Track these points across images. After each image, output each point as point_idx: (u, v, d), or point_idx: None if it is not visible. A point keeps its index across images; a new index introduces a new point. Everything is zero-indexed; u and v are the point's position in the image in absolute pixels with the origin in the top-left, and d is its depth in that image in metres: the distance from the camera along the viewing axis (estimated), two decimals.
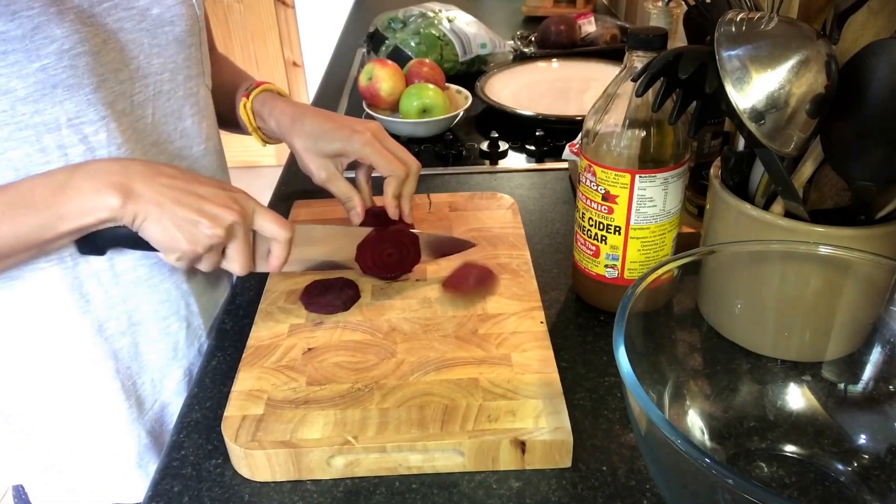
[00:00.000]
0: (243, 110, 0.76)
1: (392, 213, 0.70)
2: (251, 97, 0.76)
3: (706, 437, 0.52)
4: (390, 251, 0.69)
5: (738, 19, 0.49)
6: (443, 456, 0.53)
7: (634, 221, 0.62)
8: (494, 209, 0.83)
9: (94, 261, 0.62)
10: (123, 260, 0.64)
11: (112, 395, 0.67)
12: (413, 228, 0.71)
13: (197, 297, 0.71)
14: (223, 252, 0.59)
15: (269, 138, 0.79)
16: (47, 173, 0.55)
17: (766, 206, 0.57)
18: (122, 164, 0.56)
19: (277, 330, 0.64)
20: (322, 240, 0.67)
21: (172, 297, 0.69)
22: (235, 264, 0.59)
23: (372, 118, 1.14)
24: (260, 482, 0.53)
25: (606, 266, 0.66)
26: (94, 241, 0.58)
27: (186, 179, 0.57)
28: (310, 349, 0.62)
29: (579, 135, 0.70)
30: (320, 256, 0.67)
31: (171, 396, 0.72)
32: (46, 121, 0.55)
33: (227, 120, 0.81)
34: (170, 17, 0.64)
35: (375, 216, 0.72)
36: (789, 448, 0.52)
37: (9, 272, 0.59)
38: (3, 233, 0.53)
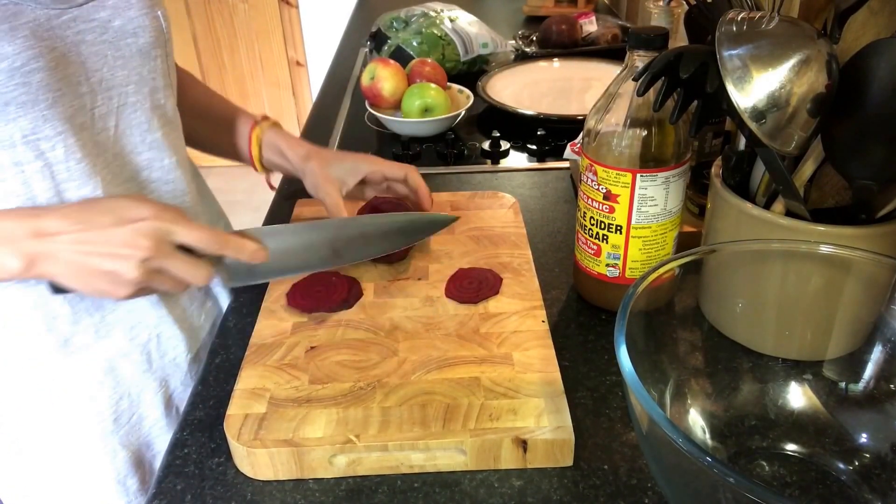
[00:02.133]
0: (255, 141, 0.81)
1: (427, 204, 0.78)
2: (263, 128, 0.81)
3: (707, 435, 0.52)
4: (318, 288, 0.69)
5: (738, 19, 0.50)
6: (444, 455, 0.53)
7: (636, 220, 0.62)
8: (496, 208, 0.83)
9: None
10: None
11: (83, 409, 0.65)
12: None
13: (166, 307, 0.70)
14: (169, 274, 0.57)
15: (266, 167, 0.84)
16: None
17: (767, 206, 0.57)
18: (25, 223, 0.54)
19: (280, 328, 0.65)
20: (292, 236, 0.66)
21: (139, 307, 0.67)
22: (189, 280, 0.58)
23: (374, 117, 1.15)
24: (262, 481, 0.53)
25: (608, 265, 0.66)
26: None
27: (90, 227, 0.54)
28: (312, 347, 0.62)
29: (580, 134, 0.71)
30: (297, 263, 0.66)
31: (149, 410, 0.70)
32: (0, 138, 0.55)
33: (198, 141, 0.83)
34: (132, 29, 0.63)
35: (374, 208, 0.75)
36: (790, 447, 0.52)
37: None
38: None
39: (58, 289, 0.58)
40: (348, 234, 0.68)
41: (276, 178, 0.91)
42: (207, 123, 0.83)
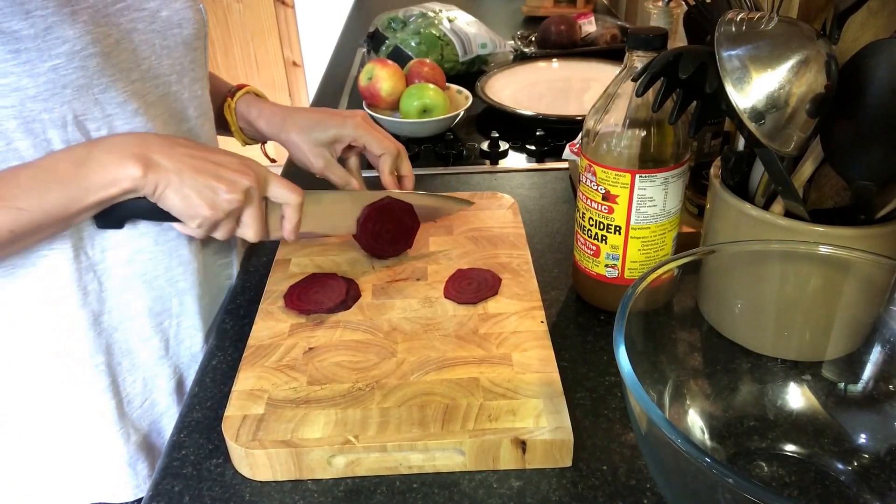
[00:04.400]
0: (228, 111, 0.80)
1: (391, 187, 0.76)
2: (235, 99, 0.80)
3: (706, 436, 0.52)
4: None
5: (738, 19, 0.50)
6: (443, 455, 0.53)
7: (635, 221, 0.62)
8: (495, 209, 0.83)
9: (90, 252, 0.62)
10: (117, 254, 0.64)
11: (101, 390, 0.66)
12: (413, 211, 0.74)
13: (191, 296, 0.71)
14: (238, 221, 0.62)
15: (249, 139, 0.84)
16: (67, 149, 0.57)
17: (767, 206, 0.57)
18: (139, 136, 0.59)
19: (278, 329, 0.64)
20: (330, 204, 0.71)
21: (165, 294, 0.69)
22: (250, 230, 0.63)
23: (372, 118, 1.14)
24: (261, 482, 0.53)
25: (607, 266, 0.66)
26: (113, 215, 0.59)
27: (202, 149, 0.60)
28: (310, 349, 0.62)
29: (579, 135, 0.71)
30: (326, 227, 0.71)
31: (161, 395, 0.72)
32: (53, 118, 0.56)
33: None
34: (178, 20, 0.65)
35: (382, 210, 0.74)
36: (789, 447, 0.52)
37: (13, 259, 0.59)
38: (32, 207, 0.54)
39: (101, 223, 0.61)
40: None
41: (276, 155, 0.90)
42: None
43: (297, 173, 1.02)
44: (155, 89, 0.64)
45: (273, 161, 0.92)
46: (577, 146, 0.92)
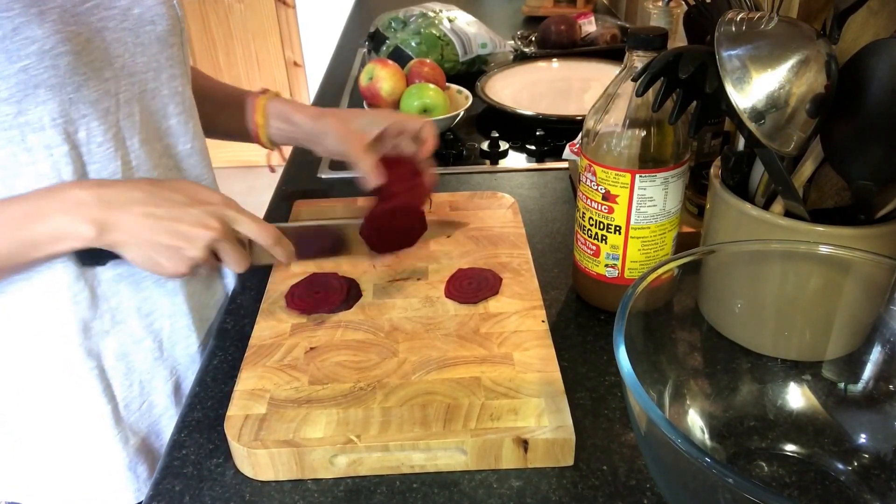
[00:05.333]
0: (258, 111, 0.79)
1: (425, 153, 0.76)
2: (266, 98, 0.80)
3: (706, 436, 0.52)
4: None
5: (738, 19, 0.50)
6: (445, 455, 0.53)
7: (635, 221, 0.62)
8: (495, 209, 0.83)
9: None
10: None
11: (96, 395, 0.66)
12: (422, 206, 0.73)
13: (182, 296, 0.71)
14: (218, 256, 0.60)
15: (274, 143, 0.83)
16: (22, 197, 0.56)
17: (767, 206, 0.57)
18: (95, 191, 0.56)
19: (279, 329, 0.65)
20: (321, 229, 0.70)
21: (154, 295, 0.69)
22: (231, 266, 0.61)
23: None
24: (261, 481, 0.53)
25: (607, 265, 0.66)
26: (94, 253, 0.58)
27: (161, 202, 0.57)
28: (312, 348, 0.62)
29: (580, 134, 0.71)
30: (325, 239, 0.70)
31: (159, 398, 0.71)
32: (30, 120, 0.55)
33: (213, 128, 0.83)
34: (150, 17, 0.64)
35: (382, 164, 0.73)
36: (789, 447, 0.52)
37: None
38: None
39: (85, 261, 0.60)
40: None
41: (278, 164, 0.90)
42: (209, 104, 0.82)
43: (297, 176, 1.02)
44: (130, 87, 0.63)
45: (273, 171, 0.92)
46: (577, 146, 0.92)
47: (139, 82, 0.64)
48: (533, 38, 1.48)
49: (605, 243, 0.65)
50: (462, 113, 1.10)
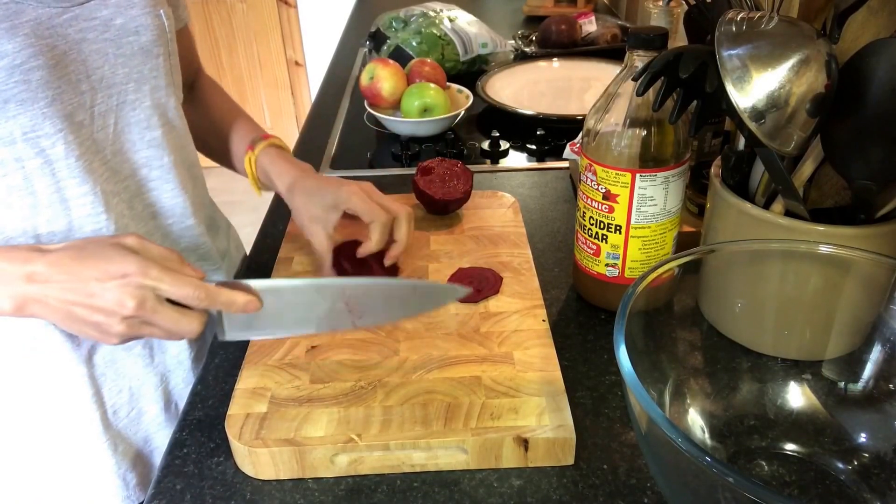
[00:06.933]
0: (248, 164, 0.78)
1: (365, 252, 0.69)
2: (256, 151, 0.77)
3: (706, 435, 0.52)
4: (360, 272, 0.68)
5: (738, 19, 0.50)
6: (446, 454, 0.53)
7: (635, 220, 0.63)
8: (496, 208, 0.83)
9: None
10: None
11: (86, 400, 0.66)
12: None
13: None
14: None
15: (265, 188, 0.81)
16: None
17: (767, 205, 0.57)
18: (21, 267, 0.53)
19: None
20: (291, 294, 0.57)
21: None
22: (178, 332, 0.54)
23: (373, 117, 1.15)
24: (262, 480, 0.53)
25: (607, 265, 0.66)
26: None
27: (76, 282, 0.52)
28: (313, 347, 0.62)
29: (580, 134, 0.71)
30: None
31: (148, 405, 0.71)
32: (1, 135, 0.55)
33: (218, 153, 0.83)
34: (134, 27, 0.63)
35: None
36: (790, 446, 0.52)
37: None
38: None
39: None
40: (360, 295, 0.57)
41: None
42: (220, 138, 0.82)
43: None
44: (108, 99, 0.62)
45: None
46: (578, 145, 0.92)
47: (118, 94, 0.63)
48: (533, 38, 1.48)
49: (606, 243, 0.65)
50: (462, 112, 1.11)
